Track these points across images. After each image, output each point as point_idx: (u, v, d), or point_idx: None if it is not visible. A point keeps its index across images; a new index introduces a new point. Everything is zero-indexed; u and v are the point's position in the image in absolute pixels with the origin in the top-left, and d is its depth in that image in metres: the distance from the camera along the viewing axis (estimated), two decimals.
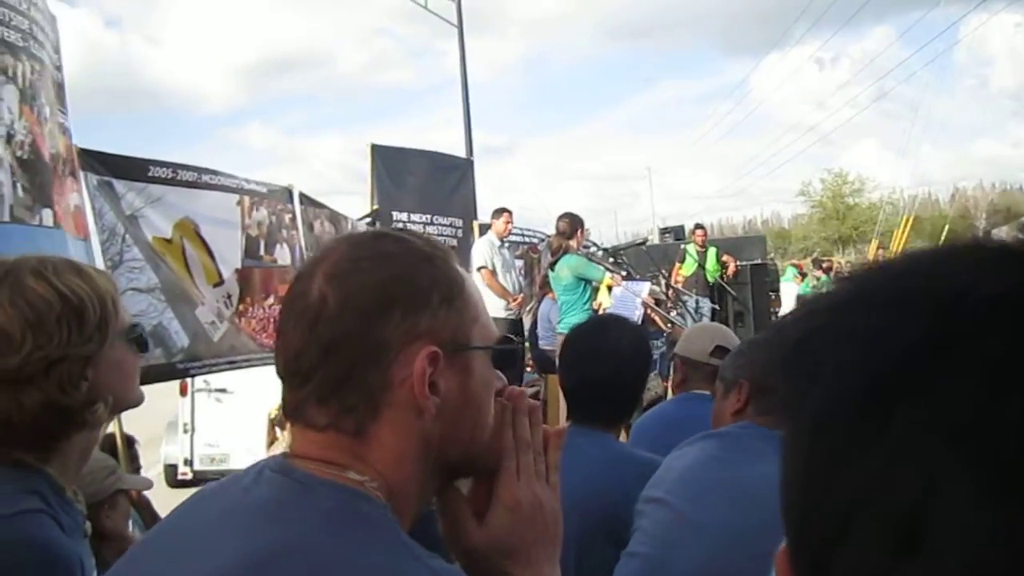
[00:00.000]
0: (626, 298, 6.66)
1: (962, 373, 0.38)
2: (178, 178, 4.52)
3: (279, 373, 0.93)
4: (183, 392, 8.53)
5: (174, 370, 4.53)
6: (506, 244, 8.48)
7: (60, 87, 3.82)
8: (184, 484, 8.51)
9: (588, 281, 6.36)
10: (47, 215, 3.24)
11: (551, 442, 1.02)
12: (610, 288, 6.32)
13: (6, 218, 2.98)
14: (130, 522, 2.60)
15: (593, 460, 1.95)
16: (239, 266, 4.95)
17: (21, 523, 1.22)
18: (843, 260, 26.64)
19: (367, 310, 0.88)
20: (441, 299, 0.91)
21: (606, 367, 2.19)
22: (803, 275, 18.85)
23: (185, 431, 8.63)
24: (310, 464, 0.88)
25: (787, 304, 16.17)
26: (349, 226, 6.63)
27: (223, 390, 8.69)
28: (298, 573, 0.78)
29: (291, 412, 0.92)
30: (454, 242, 8.81)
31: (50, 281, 1.31)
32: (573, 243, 6.43)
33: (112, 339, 1.37)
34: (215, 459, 8.71)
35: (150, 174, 4.36)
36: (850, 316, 0.45)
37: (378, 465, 0.89)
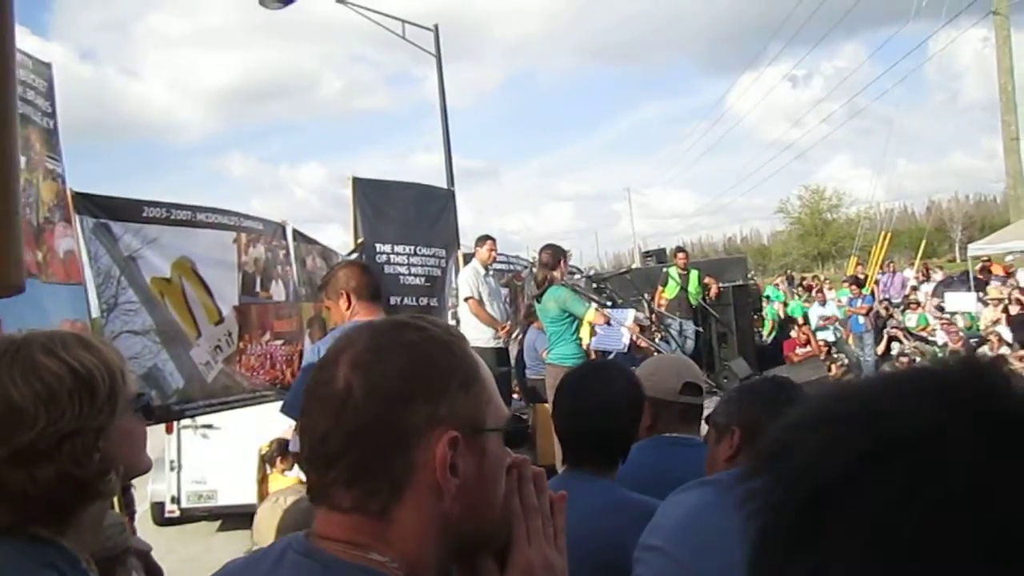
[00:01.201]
0: (611, 329, 6.71)
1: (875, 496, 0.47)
2: (172, 217, 4.52)
3: (303, 456, 0.98)
4: (168, 430, 8.37)
5: (169, 412, 4.52)
6: (491, 272, 8.49)
7: (51, 133, 3.84)
8: (171, 522, 8.39)
9: (572, 314, 6.41)
10: None
11: (556, 507, 1.06)
12: (592, 326, 6.33)
13: None
14: None
15: (591, 505, 1.97)
16: (236, 303, 4.96)
17: None
18: (823, 276, 26.79)
19: (391, 398, 0.94)
20: (459, 385, 0.97)
21: (602, 419, 2.23)
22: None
23: (172, 468, 8.49)
24: (334, 545, 0.93)
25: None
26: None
27: (210, 426, 8.58)
28: None
29: (316, 495, 0.97)
30: (438, 272, 8.82)
31: (60, 356, 1.33)
32: (557, 274, 6.46)
33: (121, 410, 1.39)
34: (203, 496, 8.58)
35: (144, 215, 4.37)
36: (803, 435, 0.55)
37: (399, 545, 0.94)
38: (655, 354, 7.34)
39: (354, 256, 7.29)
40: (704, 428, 2.78)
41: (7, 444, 1.26)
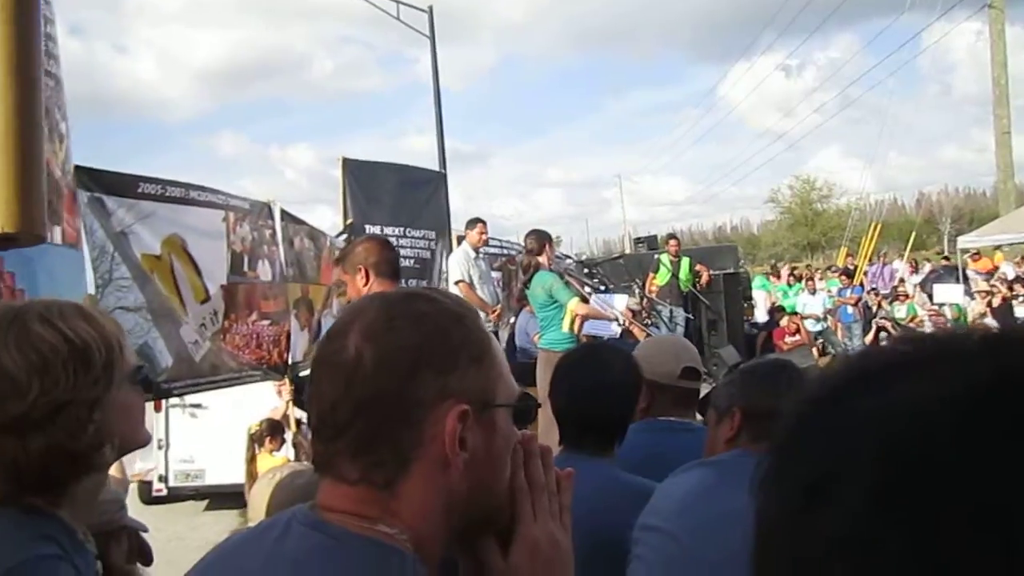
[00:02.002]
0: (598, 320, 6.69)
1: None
2: (167, 194, 4.47)
3: (311, 426, 0.97)
4: (157, 408, 8.38)
5: (158, 390, 4.50)
6: (482, 255, 8.48)
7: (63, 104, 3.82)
8: (158, 501, 8.42)
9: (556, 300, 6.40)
10: (56, 232, 3.24)
11: (562, 484, 1.06)
12: (574, 319, 6.28)
13: None
14: None
15: (589, 486, 1.90)
16: (224, 282, 4.92)
17: (39, 570, 1.23)
18: (813, 265, 26.89)
19: (402, 370, 0.92)
20: (470, 358, 0.96)
21: (598, 402, 2.22)
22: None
23: (160, 447, 8.51)
24: (339, 517, 0.92)
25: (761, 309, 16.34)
26: (328, 243, 6.63)
27: (198, 405, 8.59)
28: None
29: (322, 464, 0.95)
30: (427, 255, 8.80)
31: (56, 326, 1.32)
32: (543, 259, 6.45)
33: (118, 382, 1.37)
34: (190, 475, 8.60)
35: (140, 190, 4.31)
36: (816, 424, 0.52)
37: (406, 518, 0.92)
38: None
39: (343, 237, 7.27)
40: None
41: (1, 413, 1.25)
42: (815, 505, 0.46)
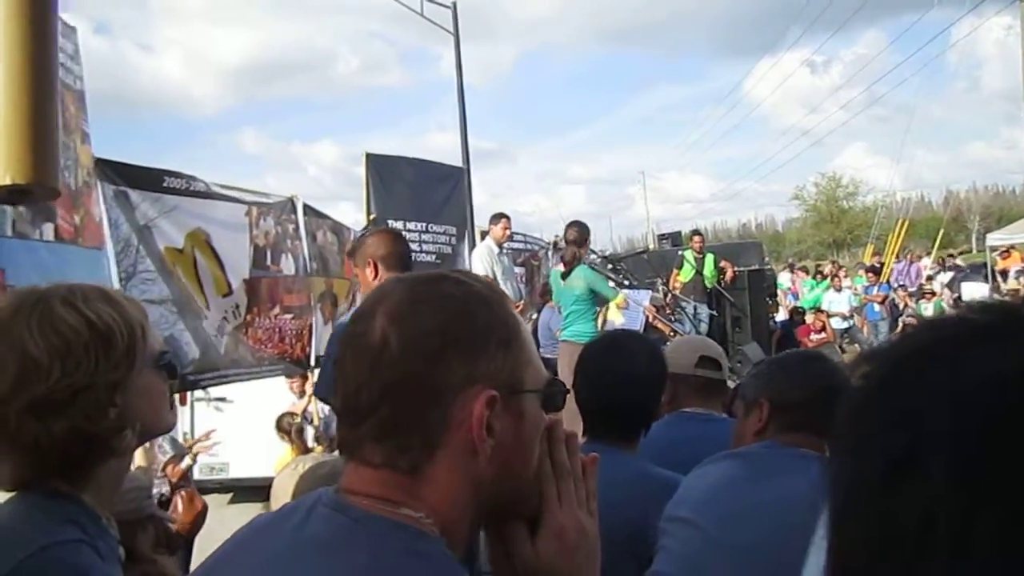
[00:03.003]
0: (631, 309, 6.71)
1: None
2: (191, 188, 4.53)
3: (336, 409, 0.95)
4: (182, 402, 8.47)
5: (184, 382, 4.54)
6: (505, 250, 8.46)
7: (81, 96, 3.86)
8: None
9: (600, 295, 6.41)
10: (48, 229, 3.25)
11: (587, 469, 1.04)
12: (619, 307, 6.36)
13: (9, 233, 3.00)
14: None
15: (614, 477, 1.88)
16: (247, 276, 4.96)
17: (62, 554, 1.22)
18: (840, 263, 26.70)
19: (428, 353, 0.90)
20: (499, 343, 0.93)
21: (622, 391, 2.20)
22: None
23: (184, 441, 8.60)
24: (364, 500, 0.90)
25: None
26: (351, 237, 6.66)
27: (223, 399, 8.66)
28: None
29: (346, 448, 0.94)
30: (448, 250, 8.79)
31: (79, 309, 1.31)
32: (583, 251, 6.48)
33: (141, 366, 1.37)
34: (215, 469, 8.68)
35: (165, 184, 4.38)
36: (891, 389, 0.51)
37: (432, 502, 0.90)
38: (672, 335, 7.35)
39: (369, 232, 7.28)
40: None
41: (23, 395, 1.25)
42: (902, 479, 0.45)
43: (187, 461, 4.28)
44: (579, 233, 6.52)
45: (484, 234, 8.65)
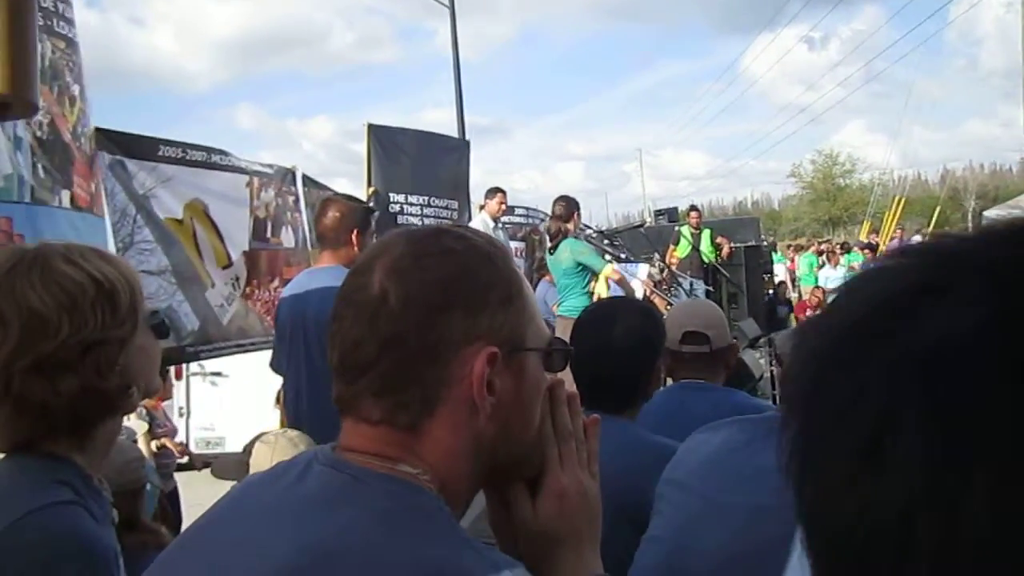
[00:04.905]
0: (624, 281, 6.71)
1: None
2: (188, 158, 4.49)
3: (332, 365, 0.93)
4: (178, 376, 8.44)
5: (184, 354, 4.53)
6: (500, 224, 8.41)
7: (80, 68, 3.83)
8: (179, 468, 8.53)
9: (588, 267, 6.41)
10: (65, 196, 3.25)
11: (589, 431, 1.04)
12: (608, 280, 6.34)
13: (28, 199, 3.00)
14: None
15: (611, 445, 1.88)
16: (247, 248, 4.94)
17: (55, 515, 1.22)
18: (835, 241, 26.72)
19: (428, 308, 0.89)
20: (500, 299, 0.92)
21: (604, 364, 2.21)
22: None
23: (181, 415, 8.60)
24: (361, 457, 0.89)
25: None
26: None
27: (218, 373, 8.67)
28: (356, 566, 0.79)
29: (343, 405, 0.93)
30: (449, 224, 8.71)
31: (81, 266, 1.30)
32: (570, 226, 6.45)
33: (142, 325, 1.37)
34: (211, 442, 8.71)
35: (160, 153, 4.34)
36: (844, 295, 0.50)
37: (430, 459, 0.90)
38: (668, 308, 7.36)
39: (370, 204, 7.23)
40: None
41: (30, 353, 1.24)
42: (874, 468, 0.42)
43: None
44: (565, 208, 6.51)
45: (481, 208, 8.61)
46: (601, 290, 6.33)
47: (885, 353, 0.43)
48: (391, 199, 7.73)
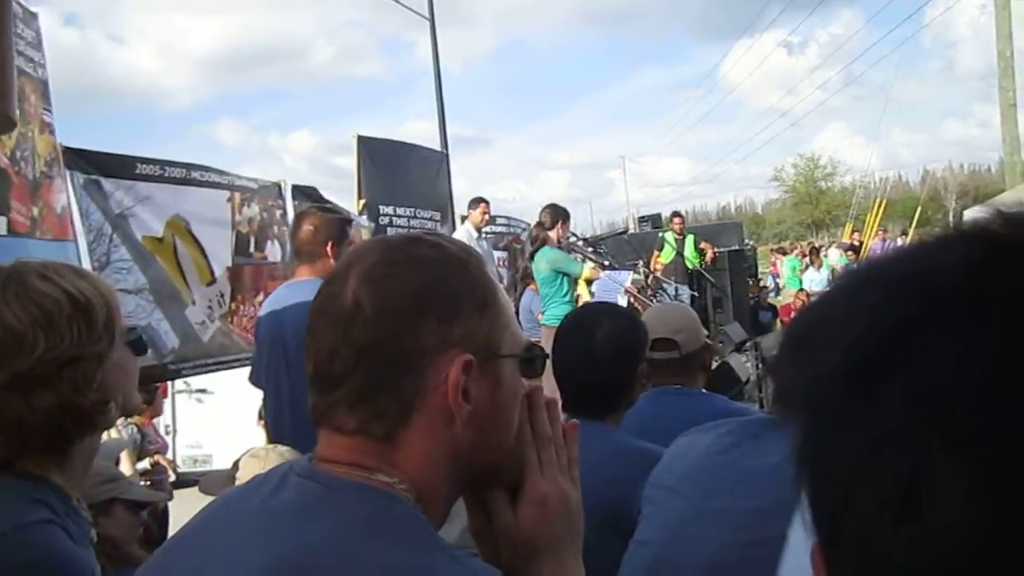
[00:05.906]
0: (609, 287, 6.71)
1: (932, 349, 0.41)
2: (166, 175, 4.46)
3: (307, 375, 0.92)
4: (164, 393, 8.42)
5: (165, 371, 4.50)
6: (484, 235, 8.42)
7: (44, 85, 3.79)
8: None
9: (566, 274, 6.42)
10: (1, 223, 3.21)
11: (568, 436, 1.02)
12: (589, 282, 6.34)
13: None
14: None
15: (596, 451, 1.90)
16: (230, 264, 4.91)
17: (31, 535, 1.21)
18: (819, 243, 26.84)
19: (402, 316, 0.88)
20: (475, 306, 0.91)
21: (583, 371, 2.21)
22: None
23: (167, 432, 8.54)
24: (337, 468, 0.88)
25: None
26: None
27: (204, 391, 8.61)
28: (333, 575, 0.78)
29: (319, 415, 0.92)
30: None
31: (56, 282, 1.29)
32: (552, 234, 6.43)
33: (118, 341, 1.36)
34: (198, 460, 8.64)
35: (137, 171, 4.31)
36: (841, 302, 0.48)
37: (407, 469, 0.89)
38: None
39: (363, 217, 7.19)
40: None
41: (6, 370, 1.23)
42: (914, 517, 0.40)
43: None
44: (550, 217, 6.51)
45: (464, 219, 8.61)
46: (584, 293, 6.33)
47: (894, 402, 0.41)
48: (381, 211, 7.72)
